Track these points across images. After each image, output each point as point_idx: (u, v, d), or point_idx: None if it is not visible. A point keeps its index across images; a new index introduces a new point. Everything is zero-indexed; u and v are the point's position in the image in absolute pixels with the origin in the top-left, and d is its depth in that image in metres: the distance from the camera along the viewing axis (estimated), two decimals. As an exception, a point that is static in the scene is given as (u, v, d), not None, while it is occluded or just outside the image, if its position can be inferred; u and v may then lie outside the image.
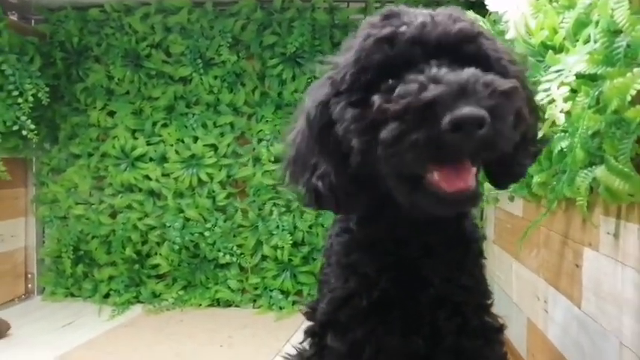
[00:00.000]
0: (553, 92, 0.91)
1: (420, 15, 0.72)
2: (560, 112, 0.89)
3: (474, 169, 0.66)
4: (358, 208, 0.81)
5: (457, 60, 0.67)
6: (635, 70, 0.76)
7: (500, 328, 0.95)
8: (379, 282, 0.82)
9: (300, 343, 1.03)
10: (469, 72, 0.63)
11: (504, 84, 0.63)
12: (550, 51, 0.95)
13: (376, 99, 0.65)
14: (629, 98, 0.78)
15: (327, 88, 0.76)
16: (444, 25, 0.70)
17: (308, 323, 1.00)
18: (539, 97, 0.92)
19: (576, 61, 0.89)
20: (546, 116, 0.91)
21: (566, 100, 0.88)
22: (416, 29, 0.69)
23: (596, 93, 0.88)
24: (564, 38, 0.97)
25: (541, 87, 0.94)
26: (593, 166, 0.95)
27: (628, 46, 0.81)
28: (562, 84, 0.89)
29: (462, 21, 0.71)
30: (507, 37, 1.21)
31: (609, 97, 0.83)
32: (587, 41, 0.92)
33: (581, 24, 0.94)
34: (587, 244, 1.15)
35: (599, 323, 1.07)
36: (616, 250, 1.00)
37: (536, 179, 1.23)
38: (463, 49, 0.70)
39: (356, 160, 0.70)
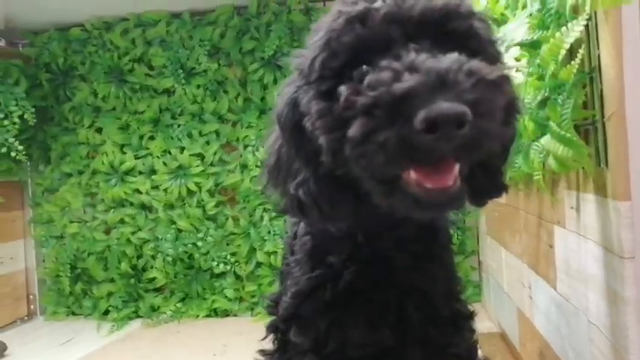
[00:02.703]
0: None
1: None
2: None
3: (457, 167, 0.57)
4: (344, 218, 0.71)
5: (442, 41, 0.59)
6: (563, 29, 0.73)
7: (471, 315, 0.92)
8: (344, 274, 0.79)
9: (262, 340, 1.00)
10: (451, 58, 0.54)
11: (492, 72, 0.55)
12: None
13: (343, 90, 0.58)
14: (560, 59, 0.75)
15: (297, 81, 0.69)
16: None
17: (271, 318, 0.97)
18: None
19: (514, 28, 0.86)
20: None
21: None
22: (393, 4, 0.60)
23: (537, 60, 0.85)
24: (506, 7, 0.94)
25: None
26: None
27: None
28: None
29: None
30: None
31: (546, 62, 0.80)
32: (525, 8, 0.89)
33: (519, -8, 0.91)
34: (557, 222, 1.10)
35: (571, 303, 1.03)
36: (578, 224, 0.96)
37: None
38: (449, 27, 0.60)
39: (327, 161, 0.62)
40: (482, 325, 1.92)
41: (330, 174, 0.66)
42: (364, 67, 0.59)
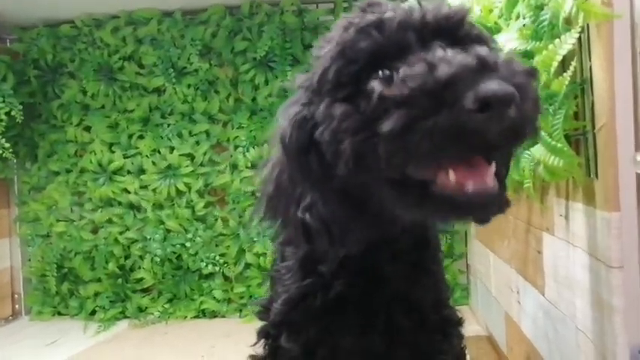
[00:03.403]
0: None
1: (403, 4, 0.64)
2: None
3: (493, 167, 0.56)
4: (355, 243, 0.69)
5: (456, 44, 0.59)
6: (556, 41, 0.74)
7: (459, 322, 0.93)
8: (334, 283, 0.79)
9: (253, 346, 1.00)
10: (484, 49, 0.54)
11: (522, 64, 0.55)
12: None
13: (376, 85, 0.56)
14: (552, 70, 0.76)
15: (303, 98, 0.68)
16: (437, 8, 0.62)
17: (261, 324, 0.97)
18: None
19: (508, 38, 0.87)
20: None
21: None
22: (405, 13, 0.61)
23: (529, 70, 0.86)
24: (499, 17, 0.94)
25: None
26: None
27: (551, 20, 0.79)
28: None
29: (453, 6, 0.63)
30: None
31: (539, 72, 0.80)
32: (518, 18, 0.90)
33: (513, 2, 0.92)
34: (545, 229, 1.12)
35: (559, 309, 1.04)
36: (567, 232, 0.97)
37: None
38: (461, 33, 0.61)
39: (347, 169, 0.60)
40: (470, 328, 1.93)
41: (342, 193, 0.64)
42: (380, 71, 0.58)
